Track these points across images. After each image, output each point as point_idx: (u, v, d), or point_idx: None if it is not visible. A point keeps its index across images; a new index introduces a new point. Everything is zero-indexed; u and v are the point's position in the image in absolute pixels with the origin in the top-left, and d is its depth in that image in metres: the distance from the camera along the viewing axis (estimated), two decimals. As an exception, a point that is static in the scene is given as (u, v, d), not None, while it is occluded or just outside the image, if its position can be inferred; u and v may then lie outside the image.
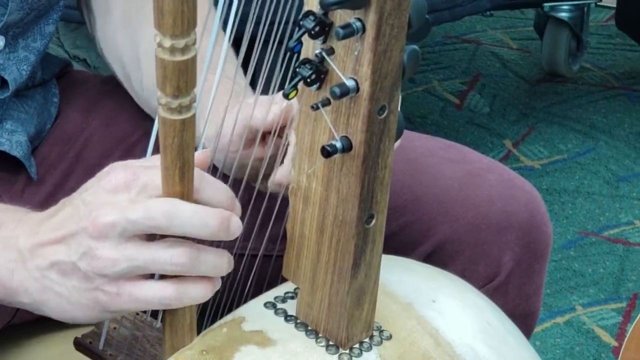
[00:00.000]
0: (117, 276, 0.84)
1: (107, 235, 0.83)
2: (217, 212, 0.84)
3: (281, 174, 0.98)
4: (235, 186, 0.95)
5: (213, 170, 0.94)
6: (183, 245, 0.84)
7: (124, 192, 0.83)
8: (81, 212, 0.84)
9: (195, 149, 0.84)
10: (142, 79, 1.15)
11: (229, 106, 0.97)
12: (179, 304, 0.86)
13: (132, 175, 0.84)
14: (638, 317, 1.57)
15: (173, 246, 0.83)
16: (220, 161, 1.01)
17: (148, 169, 0.84)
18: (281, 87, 0.94)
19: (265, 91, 0.99)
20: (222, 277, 0.87)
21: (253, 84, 1.00)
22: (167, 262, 0.83)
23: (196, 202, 0.84)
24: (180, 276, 0.85)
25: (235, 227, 0.84)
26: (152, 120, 0.87)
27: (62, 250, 0.85)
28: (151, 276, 0.86)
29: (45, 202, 1.14)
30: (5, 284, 0.89)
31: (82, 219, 0.84)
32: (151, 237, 0.85)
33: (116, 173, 0.84)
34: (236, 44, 0.96)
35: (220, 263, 0.85)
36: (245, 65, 0.99)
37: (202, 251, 0.84)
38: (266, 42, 0.91)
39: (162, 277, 0.86)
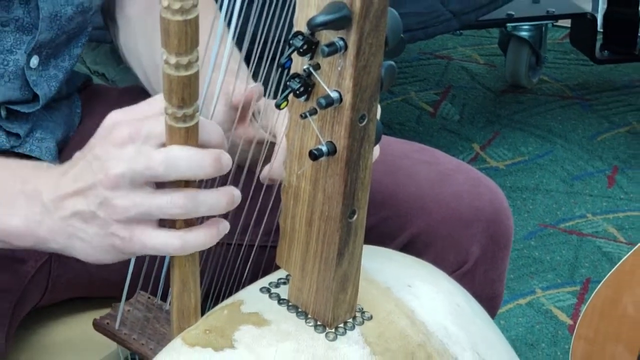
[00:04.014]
0: (128, 221, 0.83)
1: (119, 185, 0.82)
2: (209, 153, 0.82)
3: (274, 171, 0.97)
4: (234, 182, 0.95)
5: None
6: (181, 190, 0.83)
7: (130, 144, 0.82)
8: (94, 167, 0.84)
9: None
10: (160, 82, 1.15)
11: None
12: (184, 251, 0.85)
13: (135, 128, 0.83)
14: (590, 298, 1.57)
15: (173, 192, 0.83)
16: None
17: (148, 119, 0.83)
18: (274, 98, 0.94)
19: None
20: (226, 245, 0.87)
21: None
22: (168, 206, 0.82)
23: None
24: (188, 226, 0.84)
25: (226, 162, 0.83)
26: None
27: (82, 201, 0.85)
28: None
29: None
30: (34, 234, 0.89)
31: (97, 173, 0.83)
32: (161, 185, 0.84)
33: (121, 128, 0.83)
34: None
35: (218, 201, 0.84)
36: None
37: (199, 193, 0.83)
38: (260, 58, 0.91)
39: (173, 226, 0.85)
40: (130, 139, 0.82)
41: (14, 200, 0.89)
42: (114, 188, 0.82)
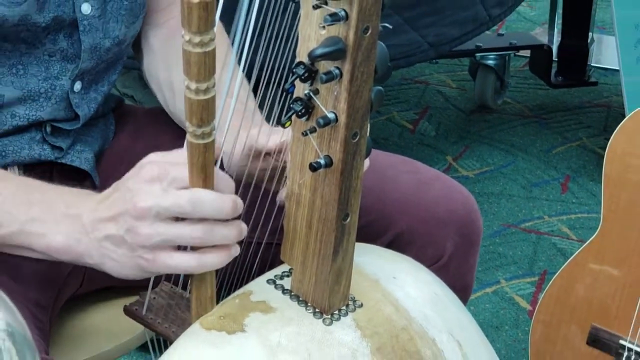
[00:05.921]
0: (152, 247, 0.84)
1: (144, 216, 0.83)
2: (229, 198, 0.83)
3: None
4: (244, 190, 0.94)
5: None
6: (200, 223, 0.83)
7: (158, 182, 0.83)
8: (126, 197, 0.84)
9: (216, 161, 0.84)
10: (176, 103, 1.15)
11: (240, 129, 0.97)
12: (200, 270, 0.85)
13: (164, 170, 0.83)
14: (547, 288, 1.57)
15: (192, 224, 0.83)
16: (233, 172, 1.01)
17: (177, 165, 0.83)
18: (279, 118, 0.94)
19: (267, 120, 0.99)
20: (240, 244, 0.86)
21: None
22: (188, 236, 0.83)
23: None
24: (204, 248, 0.85)
25: (240, 206, 0.84)
26: (184, 138, 0.88)
27: (113, 226, 0.86)
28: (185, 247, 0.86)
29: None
30: (74, 250, 0.90)
31: (127, 203, 0.84)
32: (179, 218, 0.84)
33: (152, 167, 0.84)
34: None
35: (229, 233, 0.85)
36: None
37: (215, 226, 0.84)
38: (268, 83, 0.90)
39: (192, 248, 0.85)
40: (158, 178, 0.83)
41: (59, 220, 0.90)
42: (139, 218, 0.83)
